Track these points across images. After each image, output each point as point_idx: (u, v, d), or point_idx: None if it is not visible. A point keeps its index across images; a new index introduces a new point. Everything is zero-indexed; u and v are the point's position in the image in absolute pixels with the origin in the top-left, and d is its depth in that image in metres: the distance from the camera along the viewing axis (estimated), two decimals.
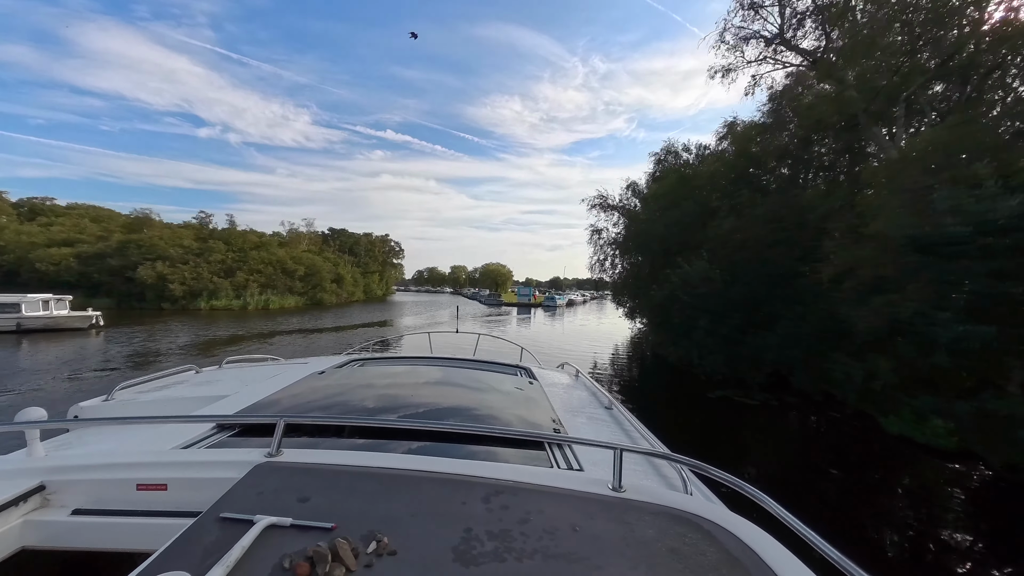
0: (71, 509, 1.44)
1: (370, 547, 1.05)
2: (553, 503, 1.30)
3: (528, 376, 3.48)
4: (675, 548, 1.11)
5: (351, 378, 2.95)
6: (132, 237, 41.52)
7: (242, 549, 1.00)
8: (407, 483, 1.38)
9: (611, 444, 1.51)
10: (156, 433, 1.96)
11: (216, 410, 2.34)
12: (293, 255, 51.92)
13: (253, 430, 1.97)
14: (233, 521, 1.13)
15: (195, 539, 1.07)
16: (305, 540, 1.06)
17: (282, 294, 46.57)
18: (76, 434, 2.17)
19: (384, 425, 1.92)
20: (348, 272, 65.09)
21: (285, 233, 66.61)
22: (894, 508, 6.23)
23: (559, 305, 64.00)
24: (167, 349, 18.36)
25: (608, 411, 2.83)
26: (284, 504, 1.22)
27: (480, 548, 1.07)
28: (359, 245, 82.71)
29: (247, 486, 1.33)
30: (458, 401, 2.49)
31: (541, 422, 2.30)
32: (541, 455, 1.86)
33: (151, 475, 1.49)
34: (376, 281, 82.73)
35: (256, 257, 46.50)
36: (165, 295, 38.87)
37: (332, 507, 1.21)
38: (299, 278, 49.90)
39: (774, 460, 8.13)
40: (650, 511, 1.29)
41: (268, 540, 1.06)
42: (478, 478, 1.43)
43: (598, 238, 35.65)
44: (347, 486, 1.34)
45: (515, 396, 2.74)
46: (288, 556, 1.00)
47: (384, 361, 3.96)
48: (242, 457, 1.54)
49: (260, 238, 51.15)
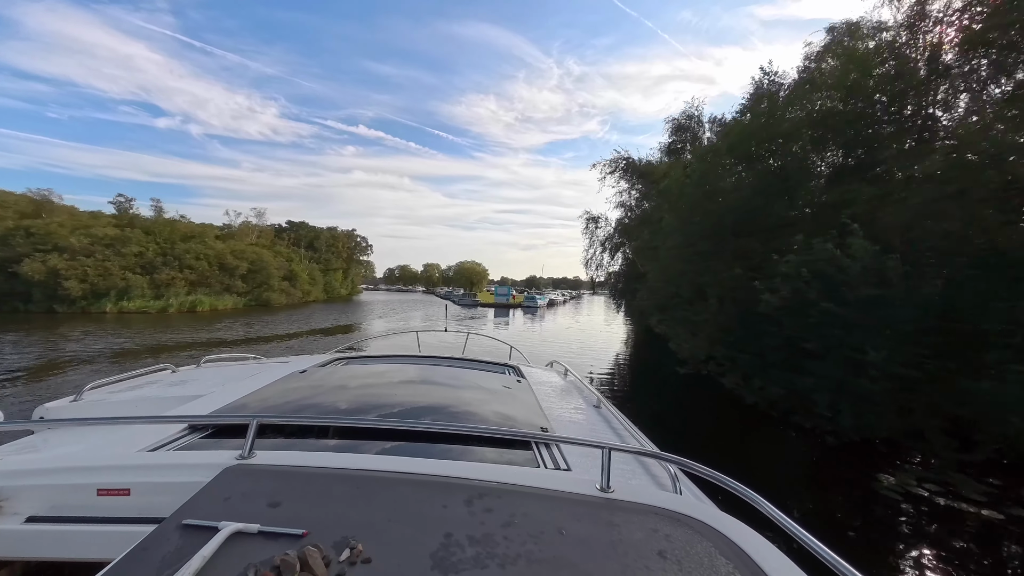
0: (24, 517, 1.35)
1: (343, 555, 0.97)
2: (539, 505, 1.24)
3: (516, 374, 3.40)
4: (663, 549, 1.07)
5: (333, 377, 2.85)
6: (24, 223, 33.50)
7: (203, 559, 0.92)
8: (385, 485, 1.30)
9: (599, 443, 1.45)
10: (124, 435, 1.80)
11: (189, 410, 2.19)
12: (235, 248, 44.48)
13: (227, 431, 1.84)
14: (196, 528, 1.04)
15: (153, 548, 0.98)
16: (273, 548, 0.98)
17: (218, 294, 39.20)
18: (41, 436, 2.07)
19: (363, 425, 1.85)
20: (303, 269, 57.69)
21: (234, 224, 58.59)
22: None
23: (540, 306, 59.45)
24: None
25: (597, 409, 2.75)
26: (253, 510, 1.14)
27: (460, 554, 1.00)
28: (320, 240, 74.81)
29: (214, 490, 1.24)
30: (442, 400, 2.38)
31: (528, 421, 2.21)
32: (527, 455, 1.78)
33: (113, 479, 1.39)
34: (339, 279, 75.31)
35: (186, 250, 38.97)
36: (59, 295, 31.16)
37: (304, 512, 1.14)
38: (241, 275, 42.55)
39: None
40: (639, 512, 1.25)
41: (233, 548, 0.98)
42: (460, 479, 1.35)
43: (595, 227, 30.61)
44: (321, 490, 1.26)
45: (501, 395, 2.64)
46: (253, 566, 0.92)
47: (369, 360, 3.77)
48: (212, 460, 1.44)
49: (194, 228, 43.34)
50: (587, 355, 18.53)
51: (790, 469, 6.97)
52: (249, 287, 43.32)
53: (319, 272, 65.50)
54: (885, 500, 5.83)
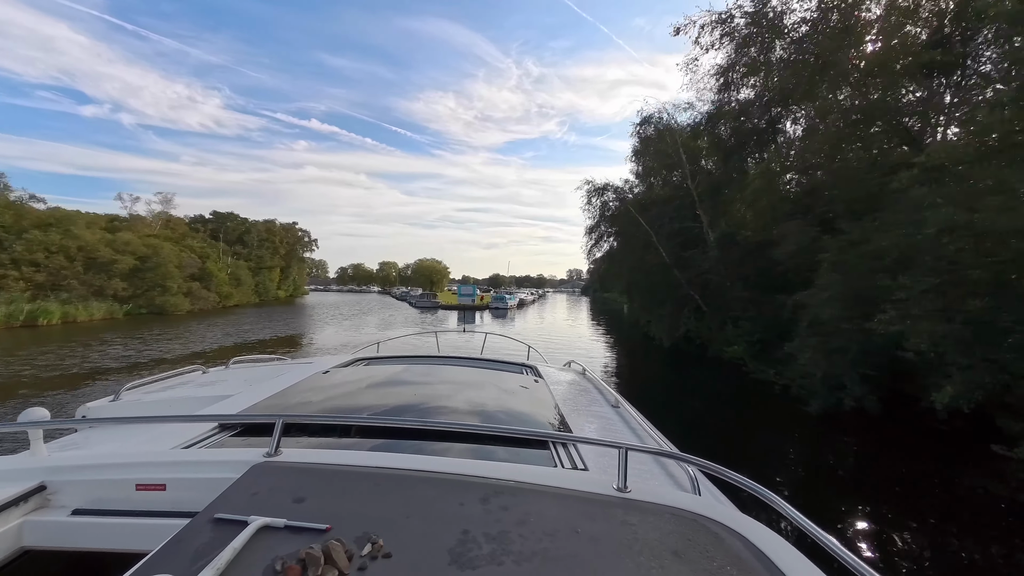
0: (71, 509, 1.42)
1: (364, 549, 0.99)
2: (555, 504, 1.24)
3: (534, 374, 3.43)
4: (680, 550, 1.05)
5: (355, 377, 2.94)
6: None
7: (233, 551, 0.95)
8: (404, 483, 1.33)
9: (616, 443, 1.44)
10: (159, 433, 1.91)
11: (219, 409, 2.30)
12: (116, 240, 34.11)
13: (254, 430, 1.93)
14: (227, 522, 1.07)
15: (187, 541, 1.02)
16: (298, 542, 1.00)
17: (83, 299, 29.00)
18: (82, 434, 2.17)
19: (384, 424, 1.92)
20: (222, 267, 47.33)
21: (128, 212, 47.24)
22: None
23: (510, 306, 52.21)
24: None
25: (615, 409, 2.75)
26: (279, 505, 1.17)
27: (477, 551, 1.01)
28: (250, 234, 63.59)
29: (243, 486, 1.27)
30: (460, 400, 2.43)
31: (545, 421, 2.26)
32: (545, 454, 1.80)
33: (150, 475, 1.46)
34: (275, 278, 64.64)
35: (33, 241, 28.58)
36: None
37: (327, 508, 1.16)
38: (122, 274, 32.38)
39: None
40: (656, 512, 1.23)
41: (261, 542, 1.01)
42: (476, 478, 1.36)
43: (597, 199, 23.49)
44: (343, 486, 1.29)
45: (519, 395, 2.70)
46: (280, 558, 0.94)
47: (389, 360, 3.90)
48: (241, 457, 1.48)
49: (54, 215, 32.55)
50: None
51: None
52: (135, 290, 33.14)
53: (247, 271, 54.97)
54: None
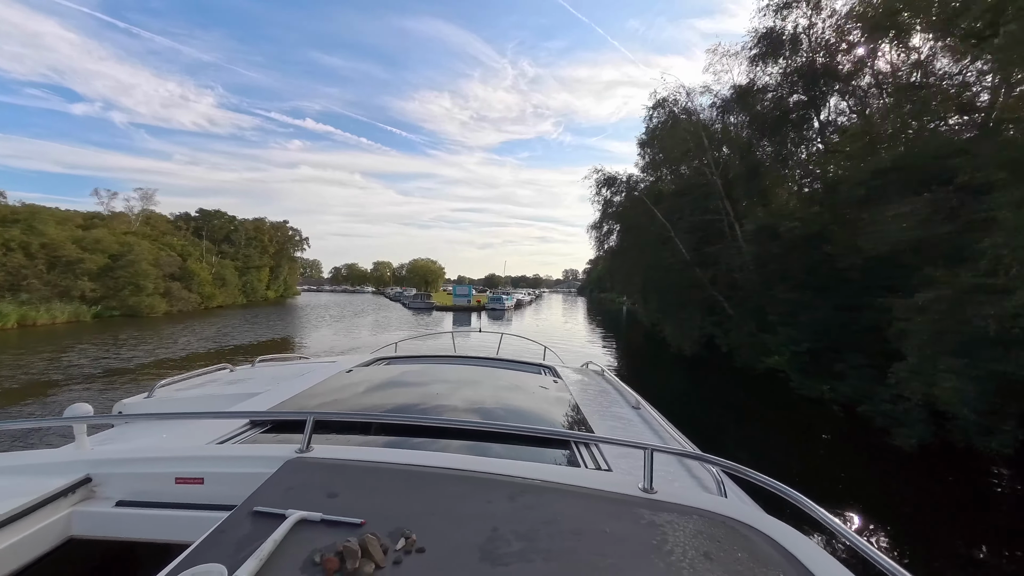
0: (115, 500, 1.47)
1: (399, 544, 1.01)
2: (581, 503, 1.25)
3: (552, 375, 3.44)
4: (709, 551, 1.03)
5: (378, 376, 2.97)
6: None
7: (274, 543, 0.97)
8: (433, 480, 1.34)
9: (641, 444, 1.43)
10: (194, 428, 1.95)
11: (249, 407, 2.36)
12: (86, 237, 31.86)
13: (284, 426, 1.98)
14: (266, 515, 1.10)
15: (229, 532, 1.05)
16: (335, 535, 1.02)
17: (45, 300, 26.75)
18: (119, 429, 2.23)
19: (410, 422, 1.95)
20: (205, 266, 45.05)
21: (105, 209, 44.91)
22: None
23: (507, 307, 50.27)
24: None
25: (636, 410, 2.71)
26: (314, 499, 1.19)
27: (507, 548, 1.02)
28: (238, 232, 61.18)
29: (279, 481, 1.30)
30: (482, 399, 2.46)
31: (567, 421, 2.28)
32: (567, 454, 1.80)
33: (188, 469, 1.49)
34: (264, 278, 62.26)
35: None
36: None
37: (360, 503, 1.18)
38: (91, 273, 30.14)
39: None
40: (683, 513, 1.21)
41: (299, 534, 1.04)
42: (503, 476, 1.37)
43: (607, 190, 21.55)
44: (375, 482, 1.31)
45: (539, 395, 2.73)
46: (318, 551, 0.97)
47: (410, 359, 3.92)
48: (274, 452, 1.52)
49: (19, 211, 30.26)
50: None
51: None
52: (105, 290, 30.90)
53: (233, 270, 52.68)
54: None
